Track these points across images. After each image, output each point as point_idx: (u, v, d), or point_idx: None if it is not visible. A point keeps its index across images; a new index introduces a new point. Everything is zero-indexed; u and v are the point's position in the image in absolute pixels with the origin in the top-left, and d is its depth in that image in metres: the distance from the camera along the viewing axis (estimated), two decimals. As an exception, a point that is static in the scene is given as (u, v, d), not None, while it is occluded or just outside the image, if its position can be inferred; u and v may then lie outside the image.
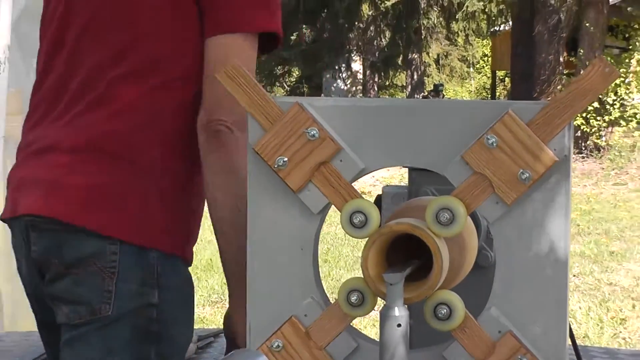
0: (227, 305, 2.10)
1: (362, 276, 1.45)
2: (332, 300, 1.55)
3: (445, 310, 1.35)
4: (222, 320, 2.35)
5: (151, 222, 2.01)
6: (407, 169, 1.63)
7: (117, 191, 2.02)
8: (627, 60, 11.73)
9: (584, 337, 4.70)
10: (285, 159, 1.51)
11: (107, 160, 2.02)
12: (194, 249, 2.21)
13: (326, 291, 1.52)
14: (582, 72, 1.30)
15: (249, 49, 1.88)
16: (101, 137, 2.00)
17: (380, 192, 1.80)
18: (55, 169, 2.01)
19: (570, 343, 1.47)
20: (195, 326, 4.85)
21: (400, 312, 1.23)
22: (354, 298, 1.47)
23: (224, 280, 2.63)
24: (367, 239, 1.43)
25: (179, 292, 2.05)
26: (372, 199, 1.65)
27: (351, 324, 1.53)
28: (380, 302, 1.40)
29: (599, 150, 10.39)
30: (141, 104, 1.99)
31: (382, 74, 14.82)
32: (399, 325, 1.20)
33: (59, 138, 2.02)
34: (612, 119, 10.71)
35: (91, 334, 2.00)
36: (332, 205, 1.54)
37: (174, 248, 2.01)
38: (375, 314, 1.36)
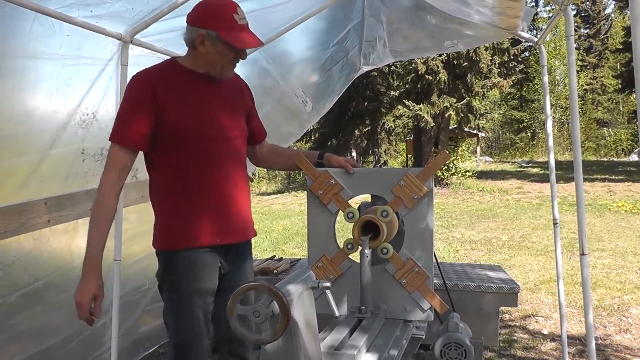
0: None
1: (352, 237, 1.75)
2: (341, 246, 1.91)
3: (385, 250, 1.63)
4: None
5: None
6: (370, 195, 1.72)
7: None
8: (457, 151, 12.29)
9: (442, 258, 4.90)
10: (321, 192, 1.90)
11: None
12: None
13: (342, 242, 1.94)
14: (438, 156, 1.40)
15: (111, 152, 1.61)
16: None
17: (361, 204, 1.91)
18: None
19: (435, 262, 1.91)
20: (288, 256, 4.73)
21: (367, 252, 1.49)
22: (349, 246, 1.96)
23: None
24: (354, 223, 1.76)
25: None
26: (357, 206, 2.02)
27: (349, 256, 1.89)
28: (359, 248, 1.78)
29: (448, 185, 10.82)
30: None
31: (364, 158, 14.72)
32: (367, 256, 1.33)
33: None
34: (452, 173, 11.25)
35: None
36: (340, 210, 1.84)
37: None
38: (357, 253, 1.55)
